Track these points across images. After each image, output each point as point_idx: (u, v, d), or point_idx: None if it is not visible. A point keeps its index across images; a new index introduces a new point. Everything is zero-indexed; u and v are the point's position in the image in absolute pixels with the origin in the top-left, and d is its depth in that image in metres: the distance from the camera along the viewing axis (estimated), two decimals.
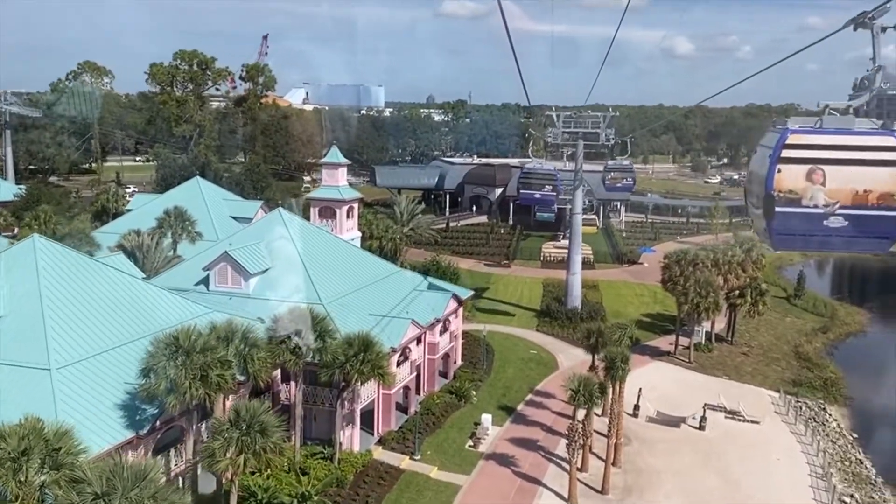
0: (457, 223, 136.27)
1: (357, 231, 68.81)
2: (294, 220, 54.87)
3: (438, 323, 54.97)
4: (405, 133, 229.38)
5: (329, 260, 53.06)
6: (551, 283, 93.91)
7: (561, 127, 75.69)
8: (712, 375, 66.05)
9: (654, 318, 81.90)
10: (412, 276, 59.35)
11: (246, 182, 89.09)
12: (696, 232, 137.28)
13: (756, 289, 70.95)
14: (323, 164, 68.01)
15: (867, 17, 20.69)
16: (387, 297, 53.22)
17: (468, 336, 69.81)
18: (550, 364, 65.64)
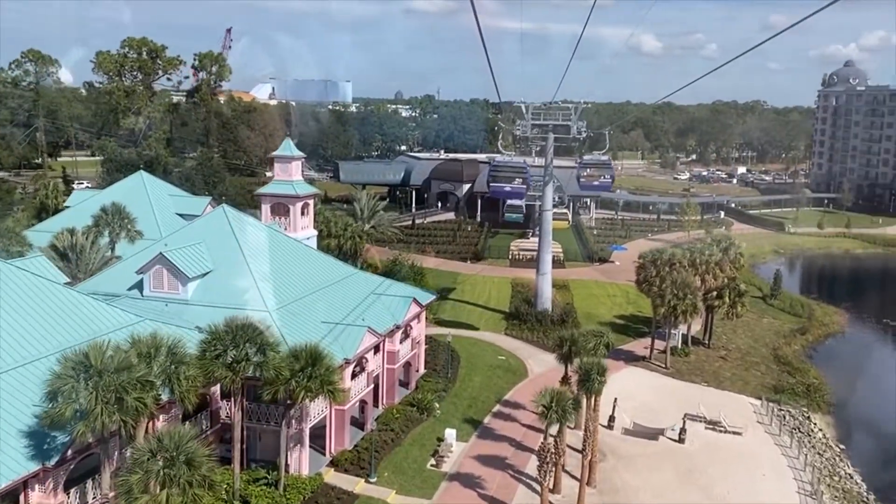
0: (423, 220, 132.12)
1: (313, 229, 64.06)
2: (240, 217, 50.05)
3: (398, 330, 50.57)
4: (371, 128, 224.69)
5: (278, 262, 48.35)
6: (520, 282, 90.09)
7: (530, 119, 71.58)
8: (690, 382, 62.50)
9: (627, 319, 78.34)
10: (370, 279, 54.78)
11: (197, 177, 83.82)
12: (667, 229, 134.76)
13: (734, 290, 67.59)
14: (275, 157, 63.09)
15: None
16: (342, 302, 48.68)
17: (432, 341, 65.51)
18: (520, 371, 61.60)
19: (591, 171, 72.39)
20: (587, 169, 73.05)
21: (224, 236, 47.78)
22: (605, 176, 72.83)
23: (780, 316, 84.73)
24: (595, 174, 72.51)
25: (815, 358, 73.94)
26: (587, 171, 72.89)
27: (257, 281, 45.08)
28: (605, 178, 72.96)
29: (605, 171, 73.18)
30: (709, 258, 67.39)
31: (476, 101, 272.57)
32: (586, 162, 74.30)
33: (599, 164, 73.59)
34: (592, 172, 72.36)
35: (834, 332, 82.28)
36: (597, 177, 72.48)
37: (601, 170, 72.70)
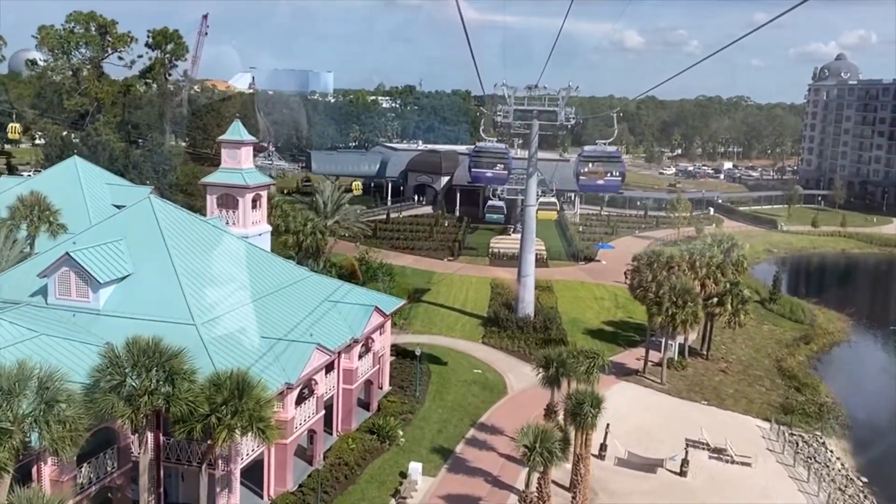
0: (398, 214, 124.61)
1: (266, 224, 56.48)
2: (168, 210, 42.40)
3: (357, 344, 43.25)
4: (349, 118, 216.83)
5: (214, 264, 40.79)
6: (500, 283, 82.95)
7: (513, 104, 64.27)
8: (689, 400, 55.68)
9: (617, 326, 71.47)
10: (327, 283, 47.25)
11: (145, 165, 75.91)
12: (656, 226, 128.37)
13: (737, 296, 60.79)
14: (222, 142, 55.37)
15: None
16: (289, 312, 41.22)
17: (401, 352, 58.29)
18: (498, 387, 54.46)
19: (594, 165, 58.05)
20: (590, 163, 59.12)
21: (148, 233, 40.15)
22: (614, 172, 57.63)
23: (780, 322, 78.19)
24: (600, 170, 58.23)
25: (821, 370, 67.47)
26: (590, 167, 58.88)
27: (184, 287, 37.54)
28: (613, 176, 57.86)
29: (613, 167, 58.41)
30: (709, 260, 60.54)
31: (458, 92, 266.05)
32: (589, 154, 59.75)
33: (606, 157, 59.72)
34: (597, 168, 57.98)
35: (839, 341, 75.86)
36: (602, 174, 58.14)
37: (608, 164, 58.31)
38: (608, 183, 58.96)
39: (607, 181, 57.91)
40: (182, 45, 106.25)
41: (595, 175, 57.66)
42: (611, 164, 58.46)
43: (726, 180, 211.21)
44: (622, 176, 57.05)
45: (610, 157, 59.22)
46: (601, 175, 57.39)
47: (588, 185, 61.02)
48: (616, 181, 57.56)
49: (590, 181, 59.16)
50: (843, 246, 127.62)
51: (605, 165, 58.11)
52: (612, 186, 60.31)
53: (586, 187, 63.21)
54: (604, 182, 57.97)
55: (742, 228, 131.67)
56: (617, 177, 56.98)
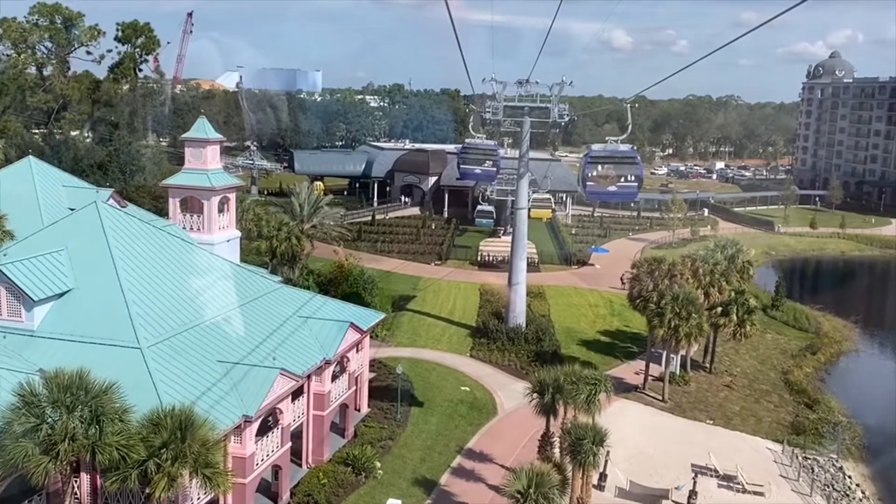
0: (384, 215, 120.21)
1: (235, 230, 51.91)
2: (118, 216, 37.89)
3: (330, 365, 38.82)
4: (335, 117, 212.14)
5: (167, 276, 36.29)
6: (490, 289, 78.71)
7: (503, 100, 59.91)
8: (693, 419, 51.50)
9: (613, 336, 67.27)
10: (297, 296, 42.69)
11: (111, 165, 71.20)
12: (650, 228, 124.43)
13: (743, 305, 56.65)
14: (186, 140, 50.80)
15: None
16: (251, 330, 36.74)
17: (382, 368, 53.96)
18: (487, 407, 50.10)
19: (604, 168, 45.14)
20: (599, 166, 46.05)
21: (93, 242, 35.64)
22: (629, 176, 44.79)
23: (784, 330, 74.17)
24: (612, 174, 45.06)
25: (830, 383, 63.47)
26: (599, 170, 45.86)
27: (130, 305, 33.05)
28: (629, 181, 44.98)
29: (629, 169, 45.43)
30: (713, 267, 56.42)
31: (447, 91, 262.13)
32: (598, 155, 46.86)
33: (620, 158, 46.59)
34: (607, 171, 45.06)
35: (846, 350, 71.88)
36: (614, 178, 44.92)
37: (622, 167, 45.23)
38: (622, 189, 45.60)
39: (621, 187, 44.90)
40: (153, 38, 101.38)
41: (606, 180, 44.84)
42: (626, 166, 45.62)
43: (719, 180, 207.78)
44: (639, 181, 43.98)
45: (624, 158, 46.11)
46: (613, 180, 44.61)
47: (597, 192, 47.43)
48: (632, 187, 44.57)
49: (599, 187, 45.88)
50: (842, 248, 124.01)
51: (619, 168, 45.23)
52: (628, 194, 46.67)
53: (595, 194, 49.34)
54: (616, 188, 44.93)
55: (738, 230, 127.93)
56: (633, 182, 43.94)
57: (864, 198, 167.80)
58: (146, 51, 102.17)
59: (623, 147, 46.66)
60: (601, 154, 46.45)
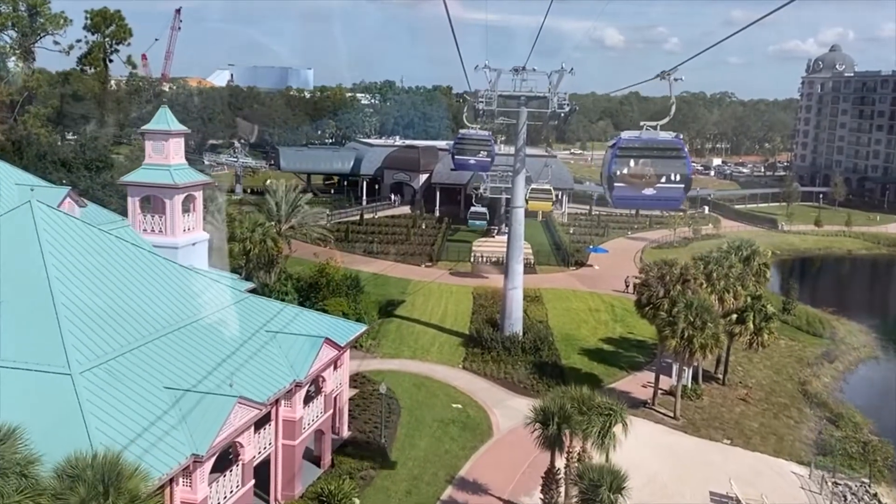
0: (373, 215, 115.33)
1: (202, 232, 46.86)
2: (57, 218, 32.85)
3: (301, 388, 33.88)
4: (325, 114, 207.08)
5: (108, 289, 31.26)
6: (484, 292, 73.99)
7: (497, 88, 55.01)
8: (709, 438, 46.77)
9: (616, 344, 62.47)
10: (266, 307, 37.64)
11: (77, 162, 66.14)
12: (649, 226, 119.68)
13: (760, 312, 51.93)
14: (146, 132, 45.75)
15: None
16: (209, 350, 31.77)
17: (366, 383, 49.07)
18: (482, 428, 45.20)
19: (640, 164, 31.43)
20: (632, 160, 31.93)
21: (25, 249, 30.63)
22: (673, 175, 31.57)
23: (798, 336, 69.53)
24: (649, 172, 31.37)
25: (851, 393, 58.83)
26: (632, 166, 31.82)
27: (62, 322, 28.07)
28: (673, 182, 31.61)
29: (674, 166, 31.83)
30: (728, 271, 51.68)
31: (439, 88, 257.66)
32: (629, 146, 32.15)
33: (661, 149, 32.36)
34: (643, 169, 31.39)
35: (866, 358, 67.30)
36: (652, 178, 31.38)
37: (665, 163, 31.60)
38: (663, 193, 31.28)
39: (662, 190, 30.69)
40: (124, 27, 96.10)
41: (641, 180, 30.60)
42: (669, 161, 31.54)
43: (716, 177, 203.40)
44: (687, 182, 30.54)
45: (667, 150, 31.86)
46: (651, 180, 30.41)
47: (629, 198, 32.75)
48: (676, 191, 30.74)
49: (632, 190, 31.47)
50: (849, 246, 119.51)
51: (660, 163, 30.92)
52: (670, 199, 32.61)
53: (626, 200, 33.55)
54: (655, 192, 30.69)
55: (741, 228, 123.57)
56: (678, 183, 30.43)
57: (867, 194, 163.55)
58: (117, 40, 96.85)
59: (664, 135, 31.30)
60: (635, 145, 31.25)
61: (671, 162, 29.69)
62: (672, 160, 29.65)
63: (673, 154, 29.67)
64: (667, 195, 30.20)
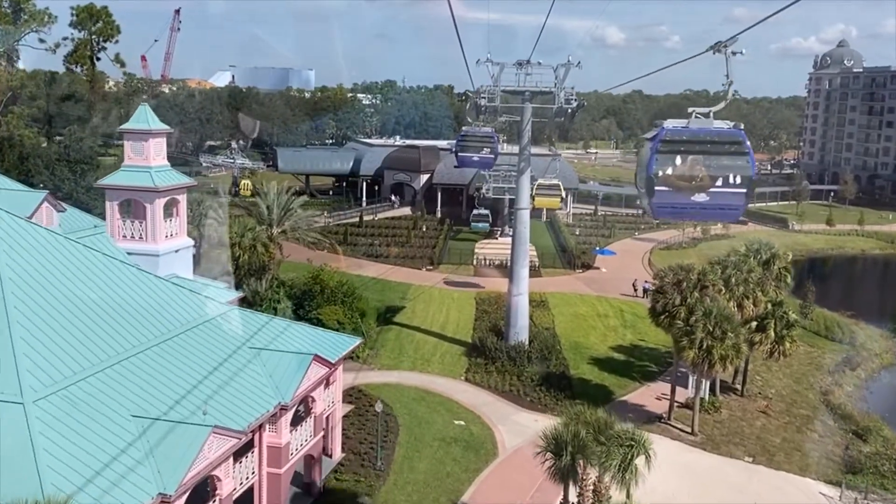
0: (373, 216, 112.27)
1: (186, 238, 43.90)
2: (17, 227, 29.81)
3: (287, 411, 30.84)
4: (325, 114, 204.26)
5: (72, 305, 28.24)
6: (487, 298, 70.97)
7: (500, 83, 51.95)
8: (729, 455, 43.67)
9: (628, 352, 59.38)
10: (250, 321, 34.56)
11: (60, 164, 63.23)
12: (656, 227, 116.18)
13: (781, 319, 48.87)
14: (124, 132, 42.80)
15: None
16: (182, 372, 28.72)
17: (362, 398, 46.06)
18: (486, 446, 42.12)
19: (690, 163, 20.23)
20: (679, 157, 20.27)
21: None
22: (733, 177, 20.08)
23: (816, 342, 66.40)
24: (701, 174, 20.12)
25: (875, 404, 55.65)
26: (679, 165, 20.23)
27: (16, 343, 25.08)
28: (733, 184, 20.07)
29: (734, 164, 20.27)
30: (747, 276, 48.56)
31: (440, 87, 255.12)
32: (676, 138, 20.63)
33: (718, 143, 20.68)
34: (694, 169, 20.18)
35: (888, 365, 64.12)
36: (705, 181, 20.10)
37: (722, 160, 20.28)
38: (720, 201, 20.65)
39: (717, 197, 20.39)
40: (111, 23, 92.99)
41: (692, 183, 20.44)
42: (727, 157, 21.06)
43: None
44: (750, 186, 20.75)
45: (725, 143, 21.13)
46: (705, 183, 20.38)
47: (675, 206, 21.11)
48: (737, 197, 20.60)
49: (679, 196, 20.79)
50: (862, 246, 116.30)
51: (715, 162, 20.64)
52: (731, 208, 21.30)
53: (669, 209, 21.40)
54: (708, 198, 20.42)
55: (750, 228, 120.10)
56: (739, 187, 20.51)
57: (878, 192, 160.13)
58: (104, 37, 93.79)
59: (719, 124, 21.32)
60: (683, 137, 21.30)
61: (730, 159, 20.09)
62: (731, 157, 20.06)
63: (732, 149, 20.05)
64: (723, 203, 20.31)
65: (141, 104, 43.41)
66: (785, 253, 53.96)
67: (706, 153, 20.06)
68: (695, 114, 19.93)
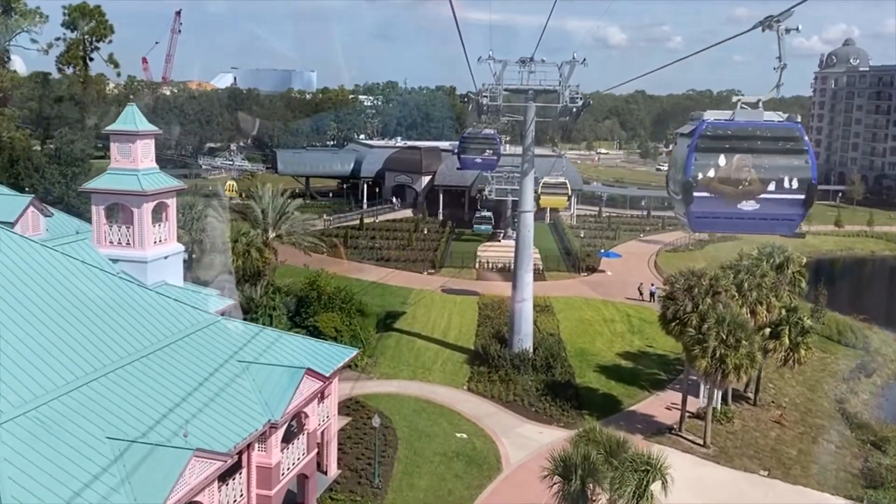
0: (374, 219, 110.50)
1: (176, 243, 42.09)
2: None
3: (277, 429, 29.02)
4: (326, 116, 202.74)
5: (46, 318, 26.47)
6: (490, 303, 69.11)
7: (502, 82, 50.10)
8: (744, 469, 41.79)
9: (635, 359, 57.47)
10: (238, 333, 32.76)
11: (50, 167, 61.51)
12: (661, 228, 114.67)
13: (796, 325, 46.96)
14: (111, 133, 41.02)
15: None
16: (164, 389, 26.91)
17: (360, 410, 44.26)
18: (490, 461, 40.24)
19: (737, 163, 15.75)
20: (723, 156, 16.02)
21: None
22: (788, 181, 15.68)
23: (829, 347, 64.50)
24: (750, 177, 15.79)
25: (890, 410, 53.87)
26: (723, 166, 15.90)
27: None
28: (788, 189, 15.75)
29: (790, 165, 15.84)
30: (760, 281, 46.67)
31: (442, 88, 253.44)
32: (719, 133, 16.13)
33: (770, 139, 15.96)
34: (742, 171, 15.79)
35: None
36: (756, 185, 15.86)
37: (779, 161, 15.82)
38: (770, 209, 16.09)
39: (770, 205, 15.96)
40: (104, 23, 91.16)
41: (740, 189, 15.89)
42: (783, 157, 16.07)
43: None
44: (810, 191, 15.84)
45: (779, 140, 16.16)
46: (753, 188, 15.85)
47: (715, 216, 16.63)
48: (794, 205, 15.93)
49: (721, 205, 16.23)
50: (871, 248, 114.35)
51: (767, 162, 15.93)
52: (786, 218, 16.47)
53: (710, 220, 16.95)
54: (758, 206, 15.98)
55: None
56: (796, 193, 15.79)
57: (885, 193, 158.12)
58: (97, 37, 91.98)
59: (770, 116, 16.72)
60: (728, 131, 16.57)
61: (785, 159, 15.76)
62: (786, 156, 15.73)
63: (787, 146, 15.78)
64: (776, 212, 15.94)
65: (129, 104, 41.59)
66: (799, 257, 52.12)
67: (756, 151, 15.64)
68: (740, 104, 15.82)
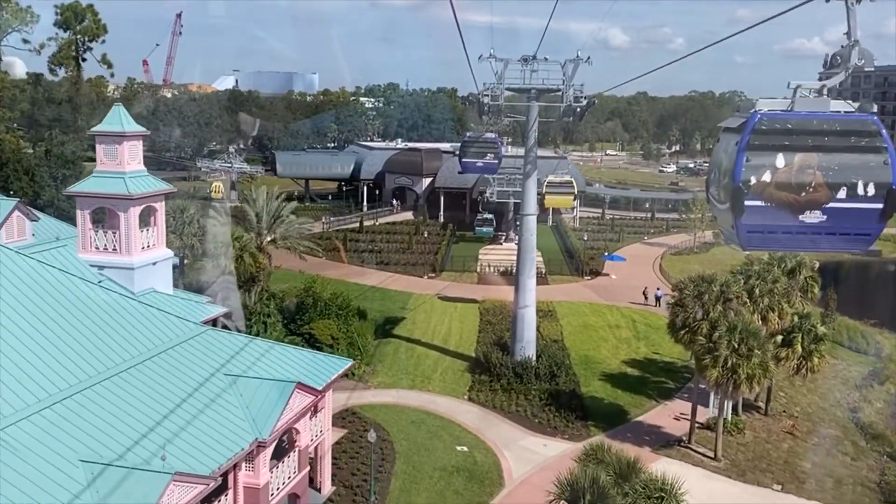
0: (374, 221, 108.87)
1: (164, 249, 40.49)
2: None
3: (265, 448, 27.36)
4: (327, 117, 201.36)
5: (16, 331, 24.84)
6: (492, 308, 67.42)
7: (504, 81, 48.46)
8: (757, 484, 40.06)
9: (641, 367, 55.77)
10: (227, 344, 31.11)
11: (41, 169, 59.95)
12: (666, 230, 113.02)
13: (809, 332, 45.28)
14: (97, 134, 39.44)
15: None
16: (144, 406, 25.27)
17: (356, 421, 42.62)
18: (491, 476, 38.53)
19: (798, 165, 10.28)
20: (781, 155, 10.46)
21: None
22: (863, 186, 10.23)
23: (840, 353, 62.74)
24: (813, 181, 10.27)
25: None
26: (783, 168, 10.37)
27: None
28: (863, 196, 10.20)
29: (864, 165, 10.36)
30: (772, 287, 44.97)
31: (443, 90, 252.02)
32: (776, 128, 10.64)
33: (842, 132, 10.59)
34: (804, 174, 10.27)
35: None
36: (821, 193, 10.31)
37: (851, 162, 10.33)
38: (839, 222, 10.43)
39: (839, 216, 10.31)
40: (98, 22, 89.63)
41: (802, 196, 10.32)
42: (855, 156, 10.43)
43: None
44: (891, 198, 10.10)
45: (850, 135, 10.59)
46: (819, 195, 10.25)
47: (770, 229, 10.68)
48: (870, 215, 10.25)
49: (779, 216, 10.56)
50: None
51: (837, 162, 10.42)
52: (861, 233, 10.62)
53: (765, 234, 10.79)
54: (824, 218, 10.42)
55: None
56: (873, 201, 10.17)
57: None
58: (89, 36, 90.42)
59: (838, 105, 11.52)
60: (786, 125, 10.83)
61: (859, 159, 10.92)
62: (860, 155, 10.91)
63: (862, 143, 11.00)
64: (847, 225, 10.89)
65: (115, 105, 40.01)
66: (812, 261, 50.42)
67: (822, 149, 11.10)
68: (800, 90, 11.48)
